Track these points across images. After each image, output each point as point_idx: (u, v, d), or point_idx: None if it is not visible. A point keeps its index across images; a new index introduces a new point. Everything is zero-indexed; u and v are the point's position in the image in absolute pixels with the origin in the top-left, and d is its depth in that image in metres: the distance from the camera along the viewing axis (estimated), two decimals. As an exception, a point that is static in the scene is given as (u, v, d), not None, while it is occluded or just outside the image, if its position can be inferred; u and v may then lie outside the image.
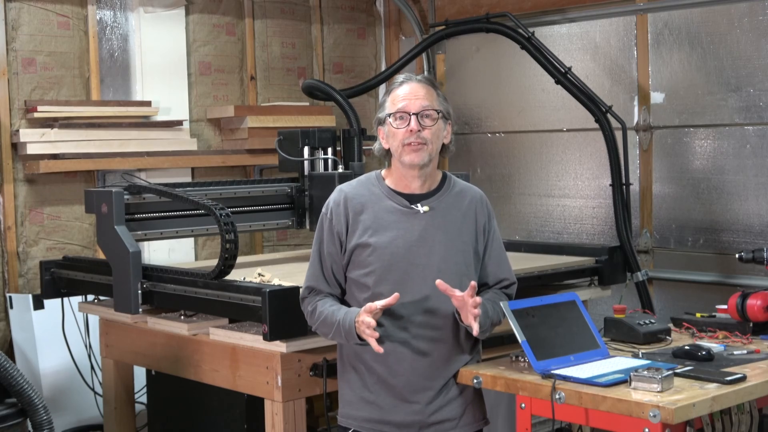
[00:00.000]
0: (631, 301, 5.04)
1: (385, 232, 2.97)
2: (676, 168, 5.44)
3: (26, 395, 3.35)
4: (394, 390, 3.01)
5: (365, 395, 3.04)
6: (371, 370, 3.03)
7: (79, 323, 4.71)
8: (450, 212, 3.04)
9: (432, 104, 2.98)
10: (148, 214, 4.30)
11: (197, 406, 4.18)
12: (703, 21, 5.29)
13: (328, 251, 3.04)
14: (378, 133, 3.06)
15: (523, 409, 3.17)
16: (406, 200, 3.02)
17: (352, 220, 3.01)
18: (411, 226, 2.99)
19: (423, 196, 3.03)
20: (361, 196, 3.03)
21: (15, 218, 5.19)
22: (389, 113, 2.98)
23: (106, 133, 5.39)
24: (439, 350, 3.02)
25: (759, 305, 3.63)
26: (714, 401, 2.90)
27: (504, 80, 6.26)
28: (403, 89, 2.99)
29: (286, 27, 6.37)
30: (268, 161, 5.93)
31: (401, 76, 3.06)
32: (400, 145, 2.96)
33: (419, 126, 2.94)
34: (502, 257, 3.17)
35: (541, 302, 3.33)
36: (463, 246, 3.03)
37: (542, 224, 6.09)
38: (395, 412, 3.02)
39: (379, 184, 3.06)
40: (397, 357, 2.99)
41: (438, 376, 3.04)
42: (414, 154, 2.94)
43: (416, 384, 3.01)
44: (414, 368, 3.00)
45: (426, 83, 3.02)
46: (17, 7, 5.22)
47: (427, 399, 3.02)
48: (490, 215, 3.13)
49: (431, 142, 2.96)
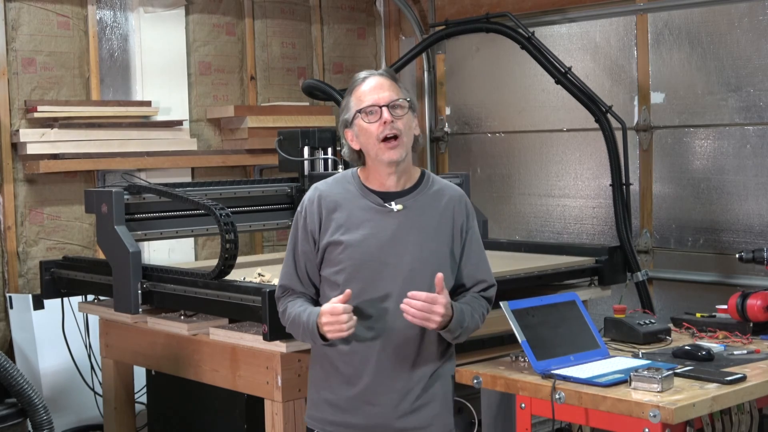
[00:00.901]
0: (631, 301, 5.04)
1: (357, 230, 2.91)
2: (676, 168, 5.44)
3: (26, 395, 3.35)
4: (356, 391, 2.92)
5: (328, 396, 2.97)
6: (337, 371, 2.95)
7: (79, 323, 4.71)
8: (426, 211, 2.95)
9: (400, 95, 2.91)
10: (148, 214, 4.29)
11: (197, 406, 4.18)
12: (703, 21, 5.29)
13: (302, 250, 2.98)
14: (345, 137, 2.98)
15: (523, 409, 3.17)
16: (381, 198, 2.94)
17: (325, 218, 2.95)
18: (384, 224, 2.91)
19: (398, 194, 2.95)
20: (335, 194, 2.97)
21: (15, 218, 5.19)
22: (358, 110, 2.91)
23: (106, 133, 5.39)
24: (406, 352, 2.91)
25: (759, 305, 3.63)
26: (714, 401, 2.91)
27: (504, 80, 6.26)
28: (368, 84, 2.92)
29: (286, 27, 6.37)
30: (268, 161, 5.92)
31: (362, 73, 2.99)
32: (376, 142, 2.89)
33: (392, 117, 2.87)
34: (481, 259, 3.05)
35: (541, 302, 3.33)
36: (439, 246, 2.93)
37: (542, 224, 6.09)
38: (358, 415, 2.93)
39: (354, 182, 2.99)
40: (362, 357, 2.91)
41: (403, 378, 2.92)
42: (392, 152, 2.87)
43: (380, 385, 2.91)
44: (378, 369, 2.90)
45: (388, 76, 2.95)
46: (17, 7, 5.22)
47: (391, 402, 2.92)
48: (469, 215, 3.02)
49: (405, 134, 2.90)
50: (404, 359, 2.91)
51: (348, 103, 2.95)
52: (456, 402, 4.15)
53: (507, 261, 4.62)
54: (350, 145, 2.96)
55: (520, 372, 3.21)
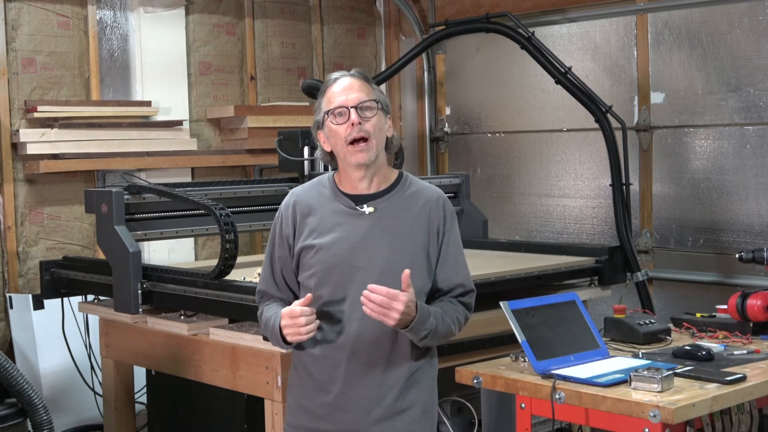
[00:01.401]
0: (631, 301, 5.04)
1: (329, 233, 2.86)
2: (676, 168, 5.44)
3: (26, 395, 3.35)
4: (330, 397, 2.87)
5: (303, 402, 2.93)
6: (311, 377, 2.90)
7: (79, 323, 4.71)
8: (400, 213, 2.88)
9: (369, 96, 2.86)
10: (148, 214, 4.29)
11: (197, 406, 4.18)
12: (703, 21, 5.29)
13: (278, 255, 2.97)
14: (318, 138, 2.95)
15: (523, 409, 3.17)
16: (353, 201, 2.90)
17: (299, 222, 2.92)
18: (355, 227, 2.85)
19: (371, 196, 2.90)
20: (309, 198, 2.95)
21: (15, 218, 5.19)
22: (327, 111, 2.87)
23: (106, 133, 5.39)
24: (377, 357, 2.84)
25: (759, 305, 3.63)
26: (714, 401, 2.91)
27: (504, 80, 6.26)
28: (338, 85, 2.87)
29: (286, 27, 6.37)
30: (268, 161, 5.92)
31: (334, 74, 2.93)
32: (344, 145, 2.85)
33: (360, 118, 2.82)
34: (459, 262, 2.94)
35: (541, 302, 3.33)
36: (413, 249, 2.85)
37: (542, 224, 6.09)
38: (332, 421, 2.88)
39: (329, 186, 2.96)
40: (333, 363, 2.86)
41: (374, 384, 2.85)
42: (360, 154, 2.83)
43: (351, 391, 2.85)
44: (349, 375, 2.85)
45: (360, 77, 2.90)
46: (17, 7, 5.22)
47: (363, 408, 2.84)
48: (447, 217, 2.93)
49: (374, 135, 2.84)
50: (375, 364, 2.84)
51: (319, 104, 2.92)
52: (456, 402, 4.17)
53: (507, 261, 4.62)
54: (322, 147, 2.94)
55: (520, 372, 3.21)
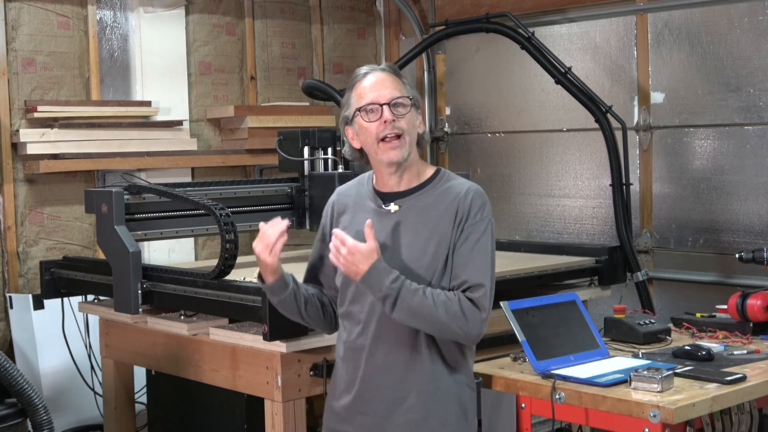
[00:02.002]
0: (631, 301, 5.04)
1: (356, 232, 2.80)
2: (676, 168, 5.44)
3: (26, 395, 3.35)
4: (350, 399, 2.86)
5: (332, 403, 2.94)
6: (340, 378, 2.90)
7: (79, 323, 4.71)
8: (426, 211, 2.81)
9: (402, 92, 2.80)
10: (148, 214, 4.29)
11: (197, 406, 4.18)
12: (703, 21, 5.29)
13: (314, 248, 3.02)
14: (346, 134, 2.88)
15: (523, 409, 3.17)
16: (382, 199, 2.86)
17: (335, 221, 2.93)
18: (381, 226, 2.80)
19: (401, 194, 2.85)
20: (347, 197, 2.95)
21: (15, 218, 5.19)
22: (358, 108, 2.79)
23: (106, 133, 5.39)
24: (394, 360, 2.80)
25: (759, 305, 3.63)
26: (714, 401, 2.91)
27: (504, 80, 6.25)
28: (369, 80, 2.80)
29: (286, 27, 6.37)
30: (268, 161, 5.92)
31: (363, 68, 2.85)
32: (375, 142, 2.78)
33: (393, 116, 2.76)
34: (474, 258, 2.76)
35: (541, 302, 3.33)
36: (436, 248, 2.77)
37: (542, 224, 6.09)
38: (351, 423, 2.87)
39: (366, 184, 2.93)
40: (354, 363, 2.85)
41: (390, 387, 2.80)
42: (393, 151, 2.77)
43: (368, 394, 2.83)
44: (367, 377, 2.82)
45: (390, 71, 2.83)
46: (17, 7, 5.22)
47: (379, 412, 2.81)
48: (471, 211, 2.79)
49: (408, 132, 2.78)
50: (392, 367, 2.80)
51: (348, 100, 2.85)
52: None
53: (507, 261, 4.62)
54: (351, 143, 2.87)
55: (520, 372, 3.20)
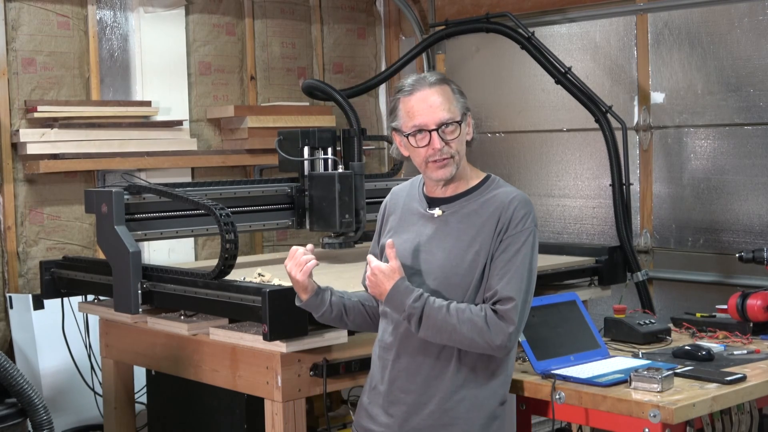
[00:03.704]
0: (631, 301, 5.04)
1: (402, 234, 2.88)
2: (676, 168, 5.44)
3: (26, 395, 3.35)
4: (379, 398, 2.91)
5: (363, 399, 3.01)
6: (373, 375, 2.97)
7: (79, 323, 4.71)
8: (469, 218, 2.81)
9: (451, 114, 2.73)
10: (148, 214, 4.29)
11: (197, 406, 4.18)
12: (703, 21, 5.29)
13: (373, 252, 3.02)
14: (393, 138, 2.86)
15: (523, 409, 3.17)
16: (428, 203, 2.88)
17: (385, 220, 2.99)
18: (423, 230, 2.84)
19: (447, 199, 2.85)
20: (399, 197, 2.99)
21: (15, 218, 5.19)
22: (407, 133, 2.75)
23: (106, 133, 5.39)
24: (420, 363, 2.83)
25: (759, 305, 3.63)
26: (714, 401, 2.91)
27: (504, 80, 6.25)
28: (416, 99, 2.74)
29: (286, 27, 6.37)
30: (268, 161, 5.92)
31: (410, 79, 2.80)
32: (423, 162, 2.78)
33: (442, 143, 2.72)
34: (510, 270, 2.74)
35: (541, 302, 3.33)
36: (475, 255, 2.76)
37: (542, 224, 6.08)
38: (376, 422, 2.91)
39: (418, 186, 2.95)
40: (383, 363, 2.91)
41: (415, 391, 2.83)
42: (440, 170, 2.76)
43: (393, 395, 2.87)
44: (393, 378, 2.87)
45: (438, 85, 2.76)
46: (17, 7, 5.22)
47: (401, 413, 2.85)
48: (512, 221, 2.79)
49: (457, 152, 2.76)
50: (417, 371, 2.83)
51: (396, 109, 2.81)
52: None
53: (507, 261, 4.61)
54: (399, 149, 2.87)
55: (520, 372, 3.20)
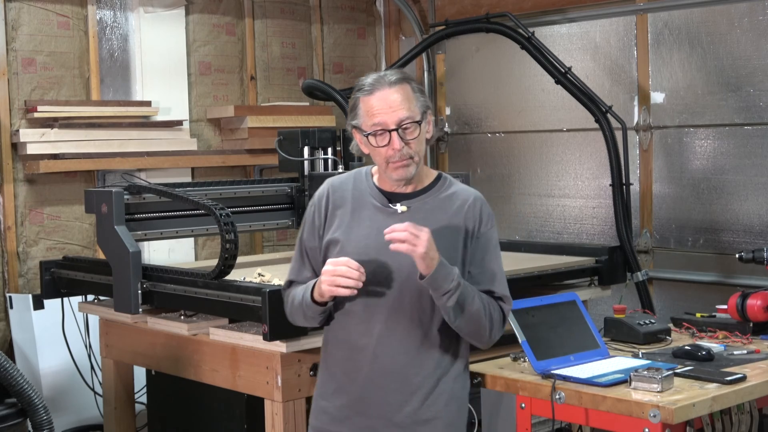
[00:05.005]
0: (631, 301, 5.04)
1: (358, 229, 2.80)
2: (676, 168, 5.44)
3: (26, 395, 3.35)
4: (349, 400, 2.82)
5: (323, 404, 2.89)
6: (333, 377, 2.86)
7: (79, 323, 4.71)
8: (433, 214, 2.79)
9: (411, 113, 2.72)
10: (148, 214, 4.29)
11: (197, 406, 4.18)
12: (703, 21, 5.29)
13: (309, 245, 2.90)
14: (354, 136, 2.83)
15: (523, 409, 3.17)
16: (387, 198, 2.83)
17: (330, 213, 2.87)
18: (385, 225, 2.71)
19: (407, 195, 2.82)
20: (345, 191, 2.88)
21: (15, 218, 5.19)
22: (367, 132, 2.73)
23: (106, 133, 5.39)
24: (400, 361, 2.78)
25: (759, 305, 3.63)
26: (714, 401, 2.91)
27: (504, 80, 6.26)
28: (376, 99, 2.72)
29: (286, 27, 6.37)
30: (268, 161, 5.93)
31: (370, 78, 2.76)
32: (383, 162, 2.76)
33: (402, 142, 2.70)
34: (491, 268, 2.84)
35: (541, 302, 3.33)
36: (443, 252, 2.70)
37: (542, 224, 6.09)
38: (349, 425, 2.82)
39: (366, 180, 2.89)
40: (355, 364, 2.81)
41: (396, 389, 2.78)
42: (400, 170, 2.74)
43: (371, 395, 2.79)
44: (371, 378, 2.79)
45: (398, 84, 2.73)
46: (17, 7, 5.22)
47: (382, 413, 2.79)
48: (483, 220, 2.83)
49: (417, 152, 2.75)
50: (398, 369, 2.78)
51: (356, 107, 2.79)
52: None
53: (507, 261, 4.59)
54: (359, 145, 2.84)
55: (520, 372, 3.20)
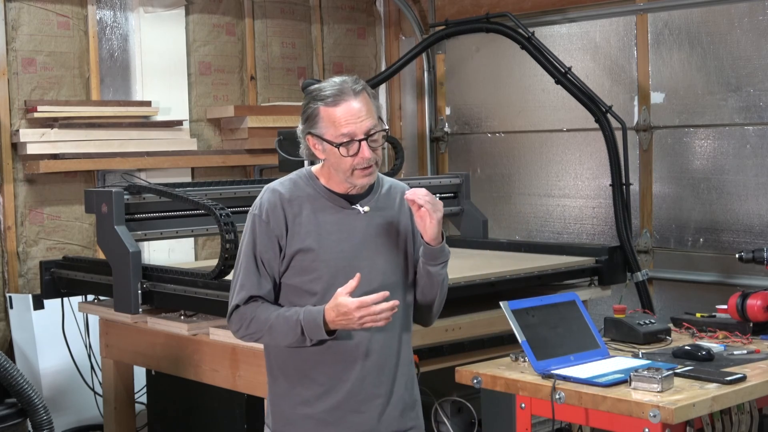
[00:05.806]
0: (631, 301, 5.04)
1: (329, 235, 2.79)
2: (676, 168, 5.44)
3: (26, 395, 3.36)
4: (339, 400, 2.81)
5: (306, 411, 2.84)
6: (313, 382, 2.82)
7: (79, 323, 4.71)
8: (386, 211, 2.87)
9: (375, 121, 2.76)
10: (148, 214, 4.29)
11: (197, 406, 4.18)
12: (703, 21, 5.29)
13: (266, 257, 2.81)
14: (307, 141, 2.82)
15: (523, 409, 3.17)
16: (346, 201, 2.83)
17: (291, 222, 2.80)
18: (353, 228, 2.79)
19: (360, 196, 2.85)
20: (297, 198, 2.83)
21: (15, 218, 5.19)
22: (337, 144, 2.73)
23: (106, 133, 5.39)
24: (388, 356, 2.83)
25: (759, 305, 3.63)
26: (714, 401, 2.90)
27: (504, 80, 6.26)
28: (343, 109, 2.74)
29: (286, 27, 6.37)
30: (268, 161, 5.92)
31: (331, 86, 2.77)
32: (348, 170, 2.76)
33: (371, 152, 2.74)
34: None
35: (541, 302, 3.33)
36: (404, 244, 2.86)
37: (542, 224, 6.09)
38: (342, 425, 2.81)
39: (313, 184, 2.86)
40: (345, 365, 2.81)
41: (388, 383, 2.84)
42: (365, 178, 2.78)
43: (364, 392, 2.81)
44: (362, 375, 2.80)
45: (361, 93, 2.76)
46: (17, 7, 5.22)
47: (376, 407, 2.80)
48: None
49: (380, 158, 2.81)
50: (387, 364, 2.84)
51: (316, 117, 2.79)
52: (456, 402, 4.17)
53: (507, 261, 4.62)
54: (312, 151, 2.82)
55: (520, 372, 3.20)
